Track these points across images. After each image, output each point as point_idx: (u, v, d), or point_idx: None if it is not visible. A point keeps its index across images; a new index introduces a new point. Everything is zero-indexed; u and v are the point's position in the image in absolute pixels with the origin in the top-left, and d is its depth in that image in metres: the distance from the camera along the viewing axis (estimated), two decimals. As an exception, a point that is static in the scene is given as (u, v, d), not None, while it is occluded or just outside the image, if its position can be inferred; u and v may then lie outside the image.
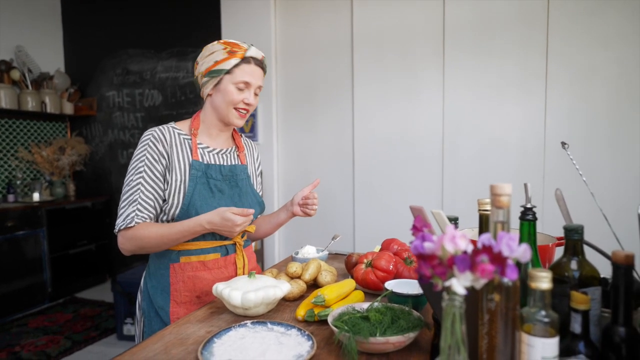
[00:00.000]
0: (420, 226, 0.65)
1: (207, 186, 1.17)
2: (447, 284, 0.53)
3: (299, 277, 1.18)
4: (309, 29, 3.05)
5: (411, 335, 0.78)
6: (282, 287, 1.01)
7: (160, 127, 1.19)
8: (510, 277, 0.50)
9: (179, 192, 1.15)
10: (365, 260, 1.16)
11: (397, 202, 2.88)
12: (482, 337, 0.63)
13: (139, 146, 1.17)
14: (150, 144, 1.15)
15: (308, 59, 3.08)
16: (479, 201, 0.86)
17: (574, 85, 2.44)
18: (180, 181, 1.15)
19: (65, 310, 3.45)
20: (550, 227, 2.30)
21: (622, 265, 0.65)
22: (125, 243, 1.12)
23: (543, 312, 0.62)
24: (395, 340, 0.76)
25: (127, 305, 2.82)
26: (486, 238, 0.55)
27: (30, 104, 3.76)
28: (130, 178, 1.14)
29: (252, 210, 1.04)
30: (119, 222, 1.12)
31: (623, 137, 2.35)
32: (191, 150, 1.19)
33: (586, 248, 0.89)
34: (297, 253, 1.41)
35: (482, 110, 2.64)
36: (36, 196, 3.69)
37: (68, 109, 4.11)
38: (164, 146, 1.15)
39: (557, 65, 2.46)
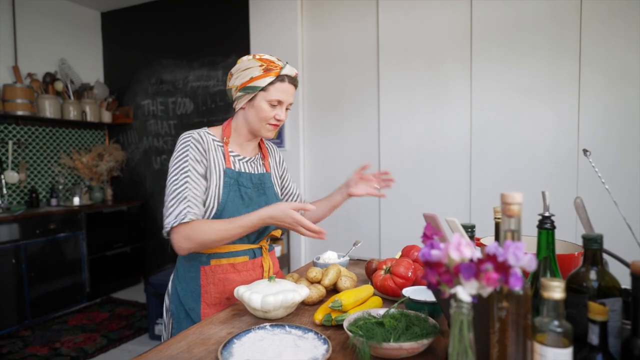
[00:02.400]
0: (430, 234, 0.66)
1: (239, 193, 1.22)
2: (453, 291, 0.54)
3: (318, 282, 1.20)
4: (335, 36, 3.09)
5: (425, 341, 0.78)
6: (300, 292, 1.04)
7: (197, 131, 1.22)
8: (514, 285, 0.50)
9: (215, 197, 1.19)
10: (384, 267, 1.17)
11: (423, 209, 2.84)
12: (493, 346, 0.63)
13: (180, 147, 1.18)
14: (192, 145, 1.18)
15: (334, 66, 3.11)
16: (495, 209, 0.86)
17: (608, 89, 2.35)
18: (216, 186, 1.19)
19: (102, 309, 3.61)
20: (583, 235, 2.22)
21: (641, 276, 0.63)
22: (182, 241, 1.10)
23: (556, 322, 0.61)
24: (409, 346, 0.77)
25: (158, 306, 2.93)
26: (493, 247, 0.55)
27: (72, 114, 3.98)
28: (176, 177, 1.14)
29: (311, 207, 1.08)
30: (171, 221, 1.10)
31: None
32: (224, 158, 1.23)
33: (612, 259, 0.87)
34: (318, 259, 1.43)
35: (512, 116, 2.58)
36: (76, 200, 3.90)
37: (106, 117, 4.32)
38: (203, 148, 1.19)
39: (590, 67, 2.37)
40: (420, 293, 1.05)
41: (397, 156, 2.92)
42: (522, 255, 0.52)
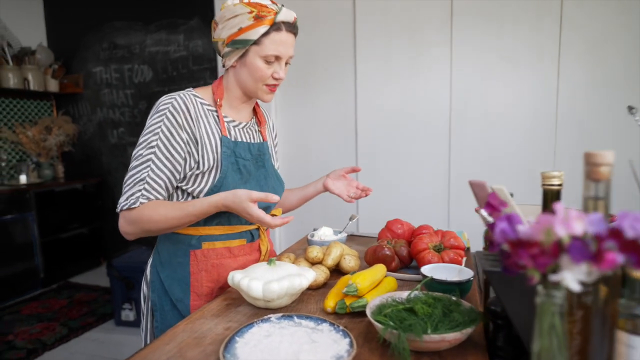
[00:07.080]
0: (497, 205, 0.53)
1: (236, 166, 1.03)
2: (556, 277, 0.41)
3: (320, 263, 1.06)
4: (309, -2, 2.86)
5: (468, 330, 0.67)
6: (307, 276, 0.90)
7: (181, 94, 1.01)
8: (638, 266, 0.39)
9: (210, 174, 1.00)
10: (430, 245, 1.06)
11: (402, 180, 2.77)
12: (573, 337, 0.53)
13: (153, 115, 0.99)
14: (169, 114, 0.97)
15: (308, 30, 2.89)
16: (544, 174, 0.74)
17: (588, 53, 2.34)
18: (213, 160, 1.00)
19: (59, 296, 3.33)
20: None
21: None
22: (127, 226, 0.96)
23: (649, 307, 0.51)
24: (452, 337, 0.65)
25: (124, 290, 2.72)
26: (596, 219, 0.43)
27: (12, 81, 3.54)
28: (140, 152, 0.97)
29: (276, 197, 0.91)
30: (121, 202, 0.96)
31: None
32: (219, 124, 1.04)
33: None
34: (312, 235, 1.30)
35: (492, 81, 2.53)
36: (23, 178, 3.52)
37: (53, 86, 3.88)
38: (186, 118, 0.98)
39: (571, 31, 2.34)
40: (438, 271, 0.94)
41: (375, 125, 2.80)
42: (644, 229, 0.40)
